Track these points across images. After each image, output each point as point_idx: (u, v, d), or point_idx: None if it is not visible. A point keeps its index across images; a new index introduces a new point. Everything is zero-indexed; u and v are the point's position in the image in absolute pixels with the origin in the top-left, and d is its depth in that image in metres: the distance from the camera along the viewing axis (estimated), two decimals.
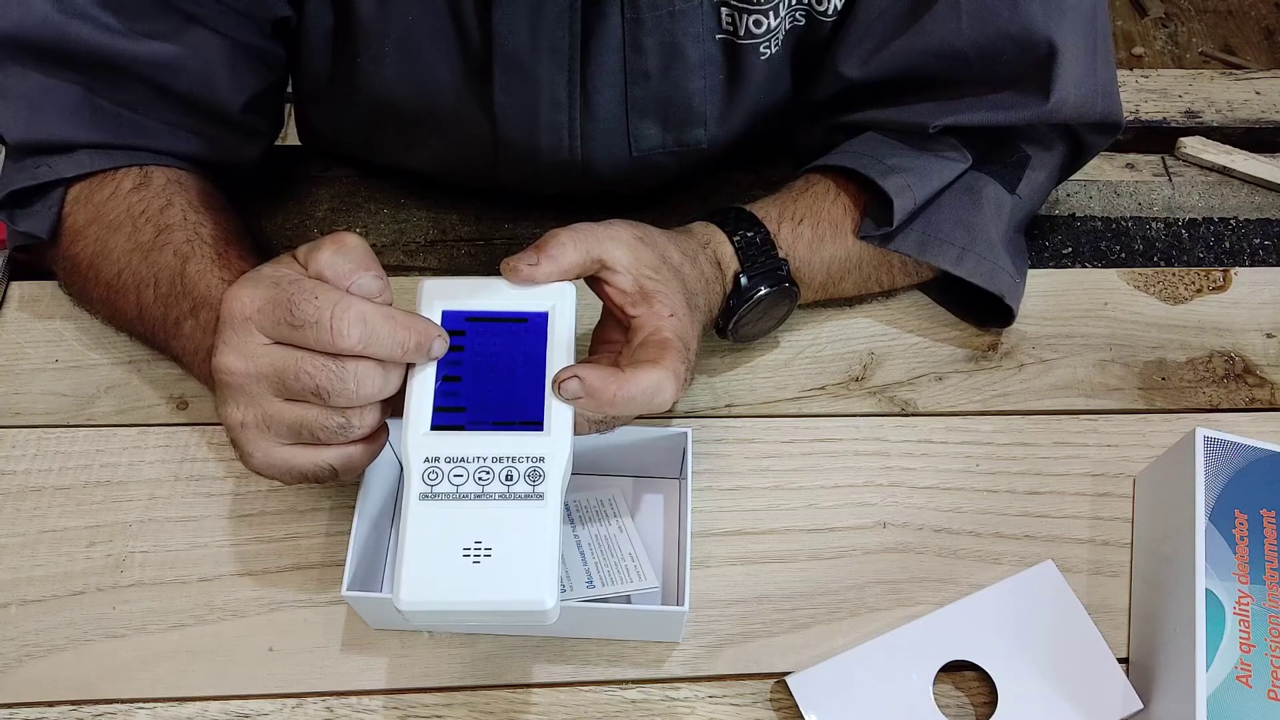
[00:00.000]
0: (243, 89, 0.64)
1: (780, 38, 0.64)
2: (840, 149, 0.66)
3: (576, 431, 0.49)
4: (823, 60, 0.66)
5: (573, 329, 0.50)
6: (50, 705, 0.54)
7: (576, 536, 0.59)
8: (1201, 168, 0.81)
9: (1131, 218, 0.78)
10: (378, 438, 0.50)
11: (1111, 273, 0.72)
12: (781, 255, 0.62)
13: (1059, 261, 0.75)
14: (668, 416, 0.64)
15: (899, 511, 0.61)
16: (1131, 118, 0.85)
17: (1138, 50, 1.85)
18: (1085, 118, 0.64)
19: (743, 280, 0.60)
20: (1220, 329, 0.70)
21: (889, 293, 0.70)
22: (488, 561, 0.45)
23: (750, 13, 0.62)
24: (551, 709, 0.55)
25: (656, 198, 0.76)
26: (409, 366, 0.49)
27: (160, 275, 0.58)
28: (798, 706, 0.53)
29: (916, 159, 0.63)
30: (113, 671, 0.55)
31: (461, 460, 0.47)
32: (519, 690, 0.55)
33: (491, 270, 0.51)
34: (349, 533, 0.53)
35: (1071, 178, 0.75)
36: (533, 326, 0.50)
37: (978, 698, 0.55)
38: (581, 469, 0.61)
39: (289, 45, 0.66)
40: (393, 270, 0.71)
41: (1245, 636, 0.51)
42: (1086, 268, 0.74)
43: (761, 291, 0.60)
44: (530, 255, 0.50)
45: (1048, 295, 0.70)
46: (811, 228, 0.63)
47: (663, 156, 0.69)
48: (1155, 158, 0.82)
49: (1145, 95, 0.87)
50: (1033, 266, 0.71)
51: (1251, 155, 0.81)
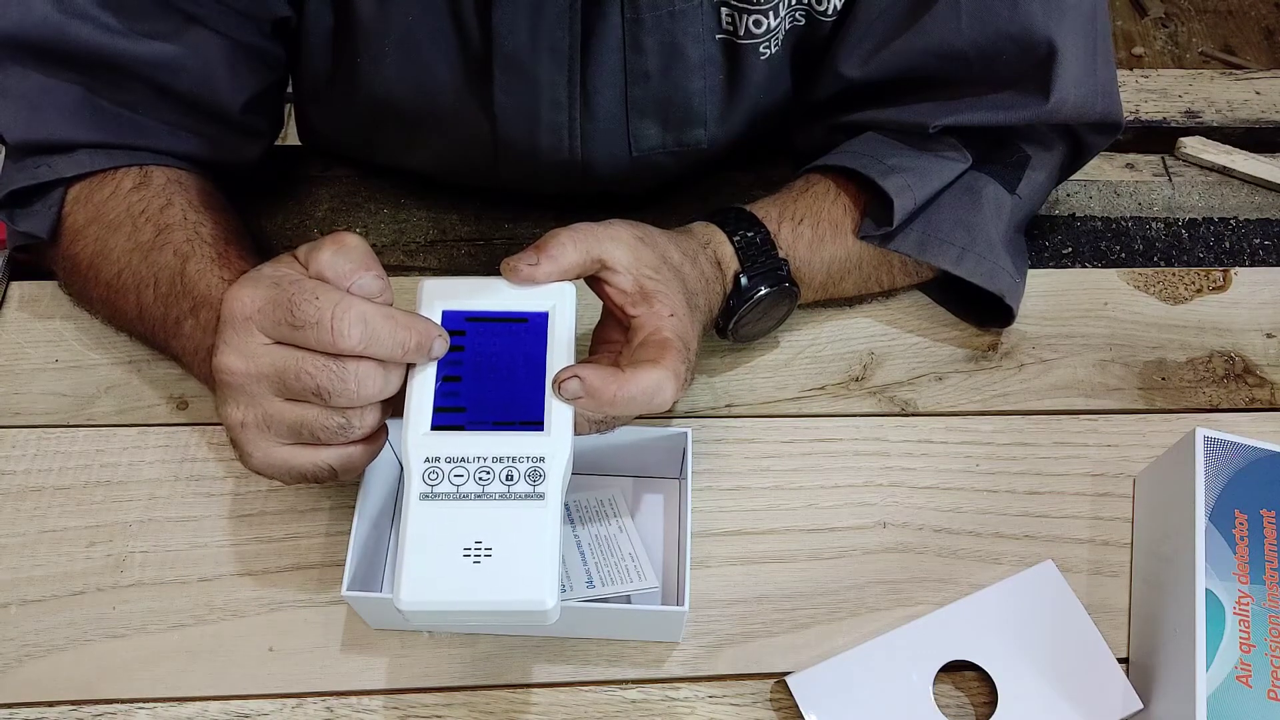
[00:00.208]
0: (243, 89, 0.64)
1: (780, 38, 0.64)
2: (840, 149, 0.66)
3: (577, 431, 0.49)
4: (823, 60, 0.66)
5: (573, 329, 0.50)
6: (50, 705, 0.54)
7: (576, 536, 0.59)
8: (1201, 168, 0.81)
9: (1131, 218, 0.78)
10: (377, 438, 0.50)
11: (1111, 273, 0.72)
12: (782, 255, 0.62)
13: (1059, 261, 0.75)
14: (668, 416, 0.64)
15: (899, 511, 0.61)
16: (1131, 118, 0.85)
17: (1138, 50, 1.85)
18: (1085, 118, 0.64)
19: (743, 280, 0.60)
20: (1220, 329, 0.70)
21: (889, 293, 0.70)
22: (488, 561, 0.45)
23: (750, 13, 0.62)
24: (551, 709, 0.55)
25: (656, 198, 0.76)
26: (409, 366, 0.49)
27: (160, 275, 0.58)
28: (798, 706, 0.53)
29: (916, 159, 0.63)
30: (113, 671, 0.55)
31: (462, 460, 0.47)
32: (519, 690, 0.55)
33: (491, 270, 0.51)
34: (349, 533, 0.53)
35: (1071, 178, 0.75)
36: (533, 326, 0.50)
37: (978, 698, 0.55)
38: (581, 469, 0.61)
39: (289, 45, 0.66)
40: (393, 270, 0.71)
41: (1245, 636, 0.51)
42: (1086, 268, 0.74)
43: (762, 291, 0.60)
44: (530, 255, 0.50)
45: (1048, 295, 0.70)
46: (812, 228, 0.63)
47: (663, 156, 0.69)
48: (1155, 158, 0.82)
49: (1145, 95, 0.87)
50: (1033, 266, 0.71)
51: (1251, 155, 0.81)
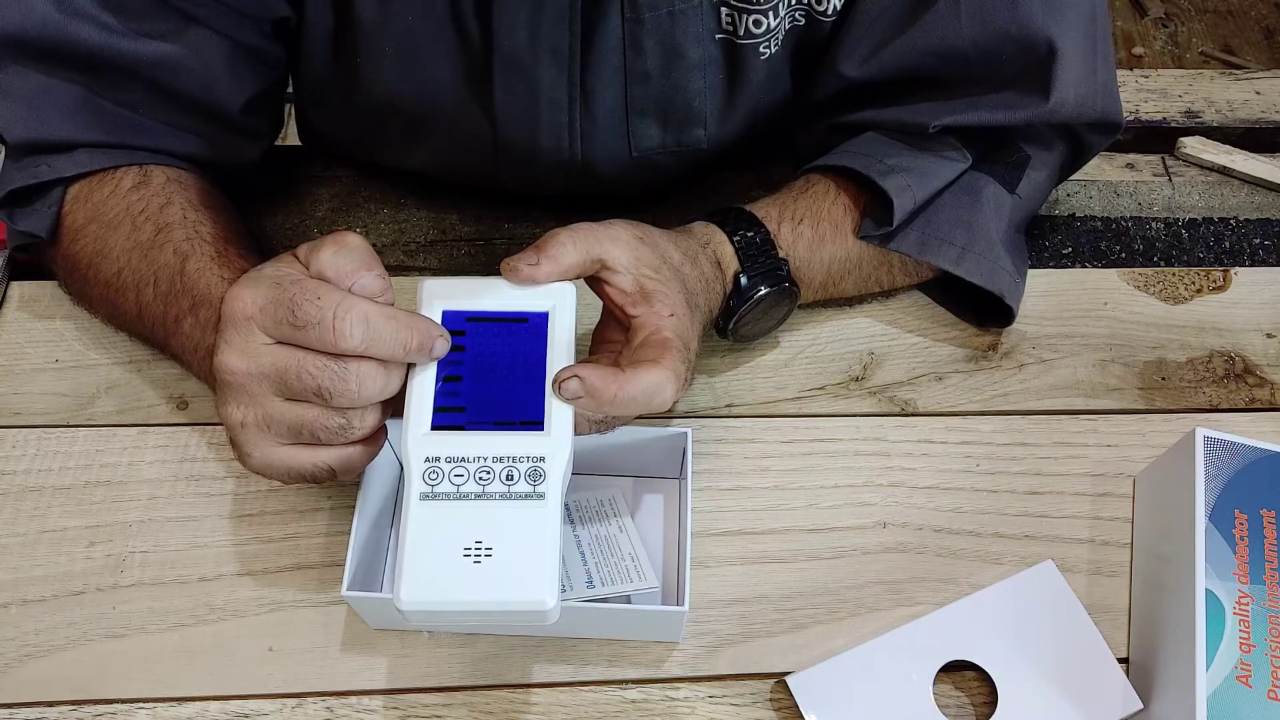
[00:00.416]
0: (243, 89, 0.64)
1: (780, 38, 0.64)
2: (840, 149, 0.66)
3: (577, 431, 0.49)
4: (823, 60, 0.66)
5: (573, 329, 0.50)
6: (50, 705, 0.54)
7: (576, 536, 0.59)
8: (1201, 168, 0.81)
9: (1131, 218, 0.78)
10: (377, 439, 0.50)
11: (1111, 273, 0.72)
12: (781, 255, 0.62)
13: (1059, 261, 0.75)
14: (668, 416, 0.64)
15: (899, 511, 0.61)
16: (1131, 118, 0.85)
17: (1138, 50, 1.85)
18: (1085, 117, 0.64)
19: (743, 280, 0.60)
20: (1220, 329, 0.70)
21: (889, 293, 0.70)
22: (488, 561, 0.45)
23: (750, 13, 0.62)
24: (551, 709, 0.55)
25: (656, 198, 0.76)
26: (409, 366, 0.49)
27: (160, 273, 0.58)
28: (798, 706, 0.53)
29: (916, 159, 0.63)
30: (113, 671, 0.55)
31: (462, 460, 0.47)
32: (519, 690, 0.55)
33: (491, 270, 0.51)
34: (349, 533, 0.53)
35: (1071, 178, 0.75)
36: (533, 326, 0.50)
37: (978, 698, 0.55)
38: (581, 469, 0.61)
39: (289, 45, 0.66)
40: (393, 270, 0.70)
41: (1245, 636, 0.51)
42: (1086, 268, 0.74)
43: (761, 291, 0.60)
44: (530, 255, 0.50)
45: (1048, 295, 0.70)
46: (812, 228, 0.63)
47: (663, 156, 0.69)
48: (1155, 158, 0.82)
49: (1145, 95, 0.87)
50: (1033, 266, 0.71)
51: (1251, 155, 0.81)
